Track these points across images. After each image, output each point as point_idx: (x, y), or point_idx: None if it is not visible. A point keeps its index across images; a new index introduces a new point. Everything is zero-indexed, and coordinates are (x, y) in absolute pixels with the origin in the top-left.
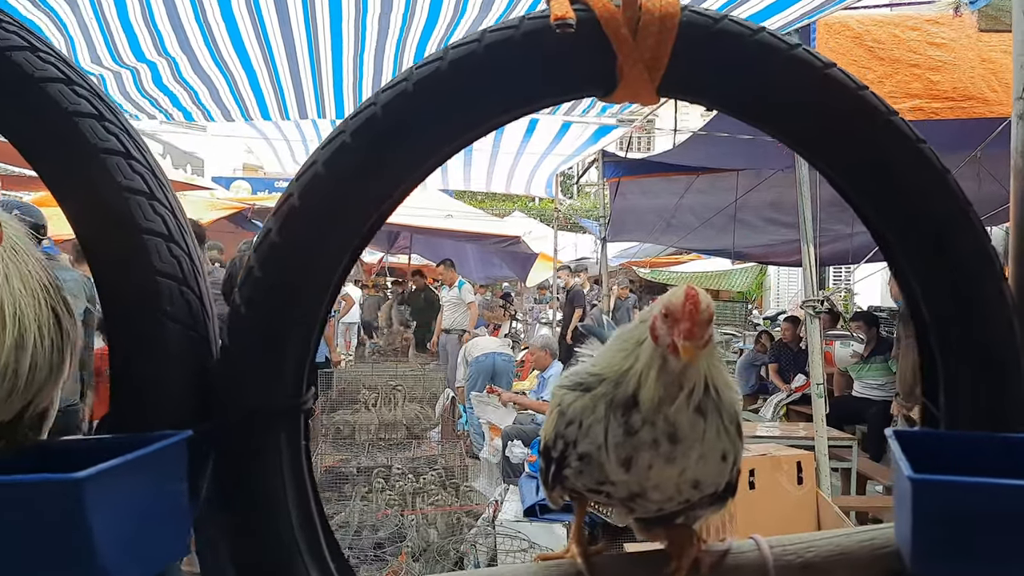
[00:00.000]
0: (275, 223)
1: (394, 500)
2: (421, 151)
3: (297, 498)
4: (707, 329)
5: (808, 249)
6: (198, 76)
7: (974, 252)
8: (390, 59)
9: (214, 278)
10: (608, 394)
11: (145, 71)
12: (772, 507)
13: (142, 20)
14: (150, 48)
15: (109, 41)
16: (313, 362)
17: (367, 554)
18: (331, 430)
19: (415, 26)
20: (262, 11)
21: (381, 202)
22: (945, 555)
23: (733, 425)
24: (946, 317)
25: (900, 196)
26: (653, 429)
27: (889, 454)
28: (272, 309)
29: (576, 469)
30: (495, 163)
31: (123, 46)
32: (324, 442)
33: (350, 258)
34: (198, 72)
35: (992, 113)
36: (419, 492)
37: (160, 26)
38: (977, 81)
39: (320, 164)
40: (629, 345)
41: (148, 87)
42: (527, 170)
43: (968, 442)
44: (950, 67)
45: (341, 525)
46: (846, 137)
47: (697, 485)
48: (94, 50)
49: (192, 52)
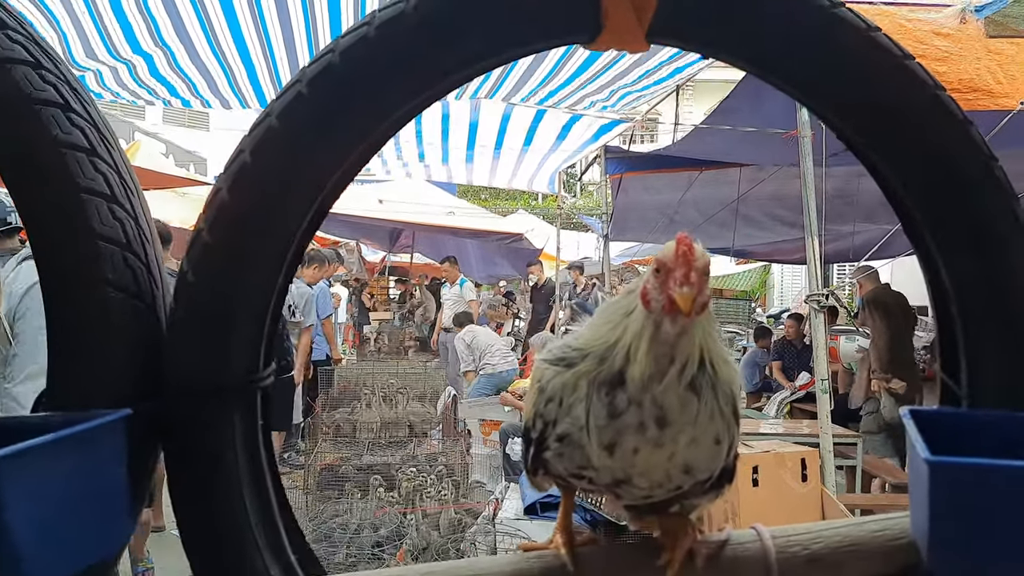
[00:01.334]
0: (225, 181)
1: (394, 499)
2: (385, 102)
3: (253, 484)
4: (704, 280)
5: (812, 243)
6: (195, 66)
7: (1001, 212)
8: None
9: None
10: (592, 371)
11: (141, 63)
12: (776, 504)
13: (137, 11)
14: (146, 38)
15: (104, 35)
16: (272, 336)
17: (365, 552)
18: (332, 428)
19: None
20: (261, 2)
21: (343, 159)
22: (966, 546)
23: (729, 406)
24: (969, 284)
25: (915, 145)
26: (639, 411)
27: (908, 438)
28: (223, 276)
29: (556, 452)
30: (499, 158)
31: (119, 39)
32: (325, 440)
33: (311, 222)
34: (195, 62)
35: (997, 106)
36: (419, 490)
37: (156, 15)
38: (983, 73)
39: (274, 117)
40: (616, 317)
41: (144, 77)
42: (531, 166)
43: (993, 422)
44: (956, 58)
45: (341, 525)
46: (855, 83)
47: (688, 471)
48: (88, 45)
49: (190, 42)
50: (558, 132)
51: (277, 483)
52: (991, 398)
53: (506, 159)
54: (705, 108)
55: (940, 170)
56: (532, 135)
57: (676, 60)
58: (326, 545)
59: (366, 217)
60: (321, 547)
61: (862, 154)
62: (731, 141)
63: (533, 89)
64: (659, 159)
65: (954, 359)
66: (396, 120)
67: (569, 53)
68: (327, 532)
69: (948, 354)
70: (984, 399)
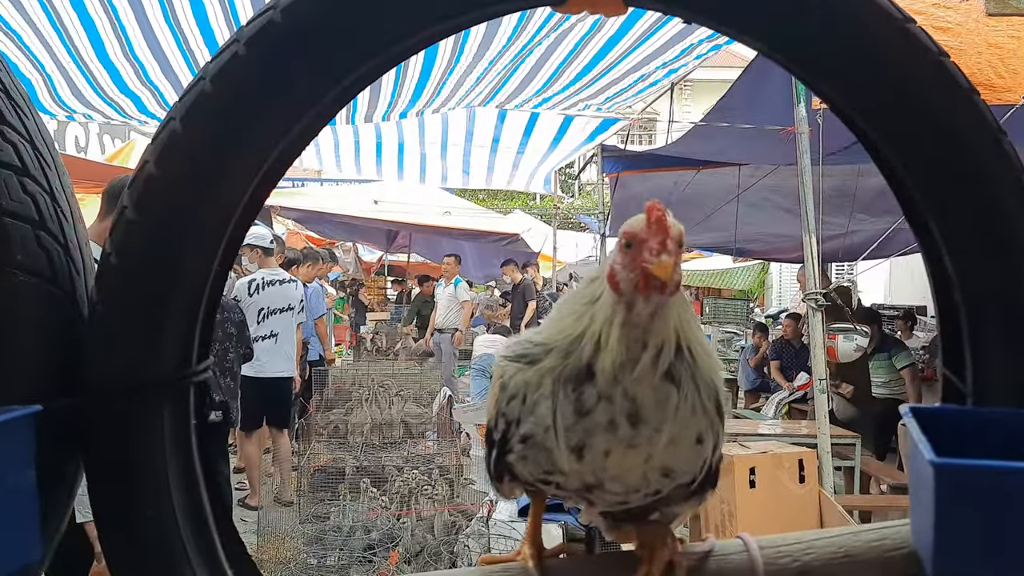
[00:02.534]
0: (153, 152)
1: (387, 501)
2: (335, 65)
3: (184, 489)
4: (680, 253)
5: (810, 240)
6: (168, 79)
7: (1010, 190)
8: (390, 74)
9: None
10: (557, 367)
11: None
12: (773, 506)
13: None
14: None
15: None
16: (210, 326)
17: (356, 555)
18: (326, 429)
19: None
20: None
21: (287, 128)
22: (974, 556)
23: (712, 400)
24: (975, 269)
25: (917, 116)
26: (610, 407)
27: (908, 438)
28: (151, 259)
29: (520, 454)
30: (495, 159)
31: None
32: (318, 441)
33: (252, 200)
34: (168, 75)
35: (999, 100)
36: (413, 492)
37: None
38: (984, 67)
39: (208, 80)
40: (579, 307)
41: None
42: (528, 167)
43: (1001, 420)
44: (956, 52)
45: (334, 527)
46: (848, 48)
47: (668, 474)
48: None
49: (163, 56)
50: (554, 133)
51: (214, 490)
52: (998, 394)
53: (503, 160)
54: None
55: (943, 145)
56: (528, 135)
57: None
58: (318, 548)
59: (361, 218)
60: (313, 549)
61: (859, 130)
62: (729, 140)
63: (527, 98)
64: (656, 158)
65: (958, 353)
66: (352, 84)
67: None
68: (318, 535)
69: (951, 348)
70: (991, 396)
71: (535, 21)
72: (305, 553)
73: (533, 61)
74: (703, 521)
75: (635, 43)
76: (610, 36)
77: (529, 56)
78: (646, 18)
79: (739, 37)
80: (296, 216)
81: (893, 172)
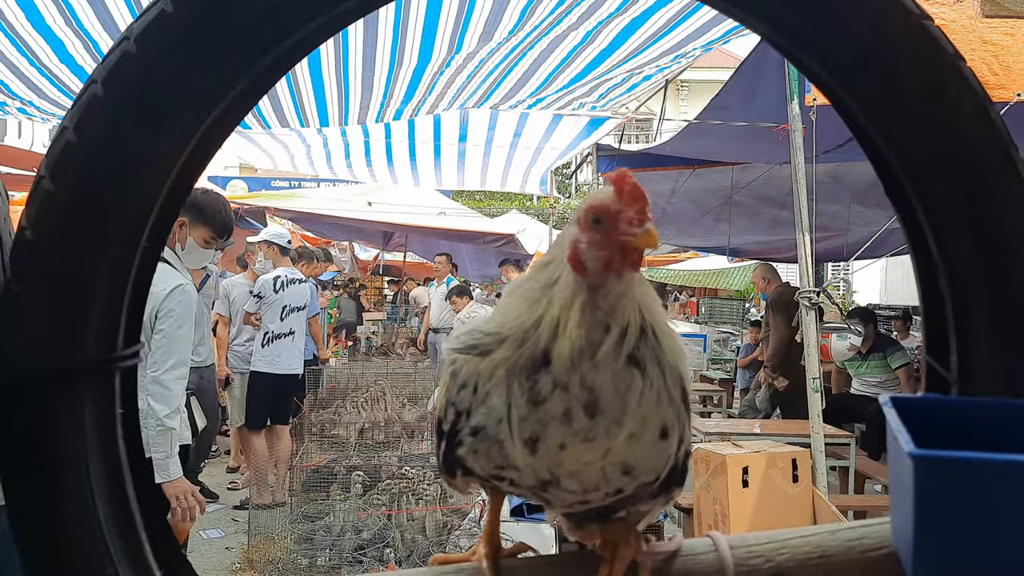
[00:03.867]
0: (72, 118)
1: (380, 501)
2: (277, 18)
3: (108, 485)
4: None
5: (803, 239)
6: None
7: (997, 161)
8: (381, 76)
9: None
10: (511, 357)
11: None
12: (766, 505)
13: None
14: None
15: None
16: (139, 307)
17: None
18: (319, 428)
19: (404, 40)
20: None
21: (223, 92)
22: (958, 555)
23: (677, 387)
24: (960, 248)
25: (903, 85)
26: (565, 396)
27: (888, 429)
28: (70, 233)
29: (470, 447)
30: (488, 160)
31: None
32: (311, 441)
33: (183, 173)
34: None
35: (994, 97)
36: (404, 492)
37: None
38: (978, 64)
39: (133, 40)
40: (534, 292)
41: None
42: (522, 167)
43: (988, 410)
44: None
45: (324, 527)
46: (837, 20)
47: (629, 471)
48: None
49: None
50: (546, 127)
51: (143, 486)
52: (985, 383)
53: (496, 159)
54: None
55: (924, 112)
56: (520, 131)
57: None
58: (309, 547)
59: (355, 220)
60: (303, 549)
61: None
62: (723, 139)
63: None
64: (652, 157)
65: (942, 339)
66: (270, 68)
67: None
68: (308, 534)
69: (935, 333)
70: (977, 384)
71: (532, 21)
72: (296, 553)
73: (528, 63)
74: (696, 521)
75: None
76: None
77: (523, 58)
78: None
79: (731, 12)
80: (291, 217)
81: (871, 143)
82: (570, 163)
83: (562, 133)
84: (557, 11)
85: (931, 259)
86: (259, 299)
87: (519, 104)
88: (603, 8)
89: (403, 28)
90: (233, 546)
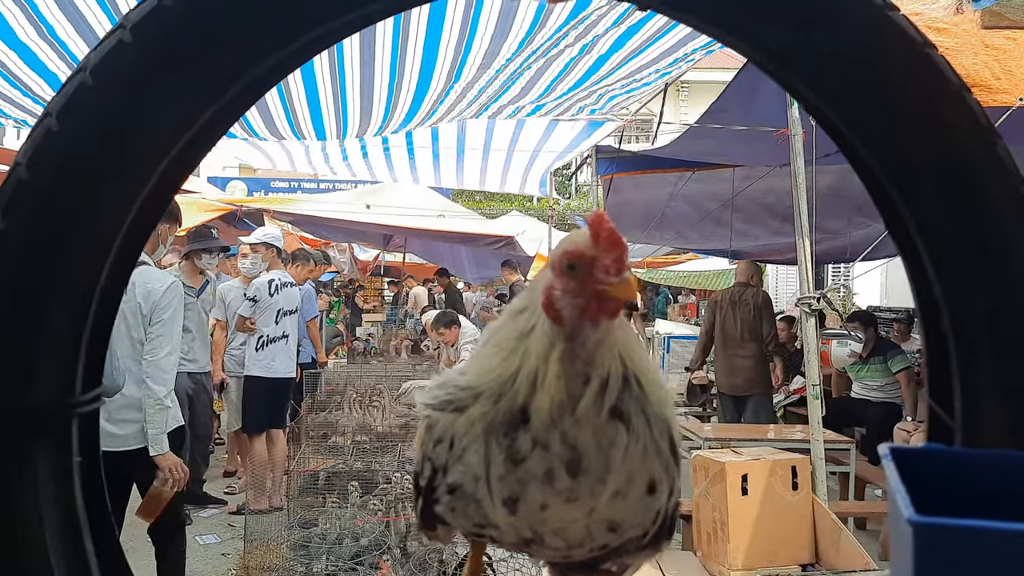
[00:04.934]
0: (25, 153)
1: (377, 506)
2: (241, 51)
3: (63, 541)
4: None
5: (803, 244)
6: None
7: (1003, 194)
8: (379, 87)
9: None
10: (487, 413)
11: None
12: (765, 513)
13: None
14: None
15: None
16: (99, 349)
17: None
18: (316, 433)
19: (404, 47)
20: None
21: (187, 121)
22: None
23: (665, 438)
24: (965, 289)
25: (898, 111)
26: (546, 455)
27: (888, 485)
28: (21, 271)
29: (447, 505)
30: (487, 161)
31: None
32: (308, 445)
33: (148, 200)
34: None
35: (995, 102)
36: (401, 498)
37: None
38: (980, 68)
39: (89, 72)
40: (509, 343)
41: None
42: (520, 168)
43: (994, 463)
44: (952, 53)
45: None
46: (825, 36)
47: (615, 528)
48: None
49: None
50: (544, 129)
51: (103, 540)
52: (992, 432)
53: (495, 161)
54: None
55: (925, 144)
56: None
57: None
58: (304, 554)
59: (354, 222)
60: (300, 556)
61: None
62: (723, 141)
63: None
64: (651, 160)
65: (946, 382)
66: (264, 75)
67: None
68: (304, 541)
69: (938, 376)
70: (983, 433)
71: (532, 47)
72: (292, 559)
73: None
74: (695, 529)
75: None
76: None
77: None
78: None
79: (693, 23)
80: (290, 219)
81: (870, 175)
82: (570, 164)
83: (561, 135)
84: (556, 35)
85: (932, 295)
86: (254, 303)
87: (518, 111)
88: (601, 24)
89: (402, 54)
90: (229, 552)
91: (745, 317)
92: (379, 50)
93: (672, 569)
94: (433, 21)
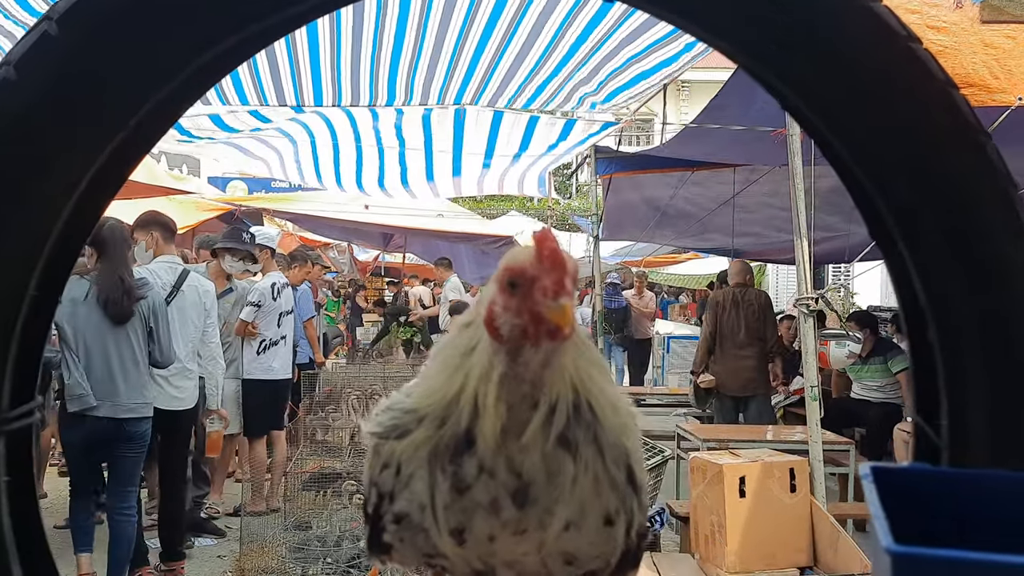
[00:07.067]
0: None
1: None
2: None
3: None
4: (574, 287)
5: (801, 244)
6: None
7: (993, 202)
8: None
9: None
10: (431, 438)
11: None
12: (763, 516)
13: None
14: None
15: None
16: (33, 361)
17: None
18: (314, 434)
19: (388, 34)
20: None
21: (157, 85)
22: None
23: (622, 468)
24: (953, 301)
25: (881, 112)
26: (492, 483)
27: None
28: None
29: (395, 534)
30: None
31: None
32: (306, 446)
33: (90, 187)
34: None
35: (994, 101)
36: None
37: None
38: (979, 67)
39: (13, 67)
40: (453, 359)
41: None
42: (519, 169)
43: (981, 483)
44: (951, 52)
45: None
46: (804, 34)
47: (572, 561)
48: None
49: None
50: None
51: (34, 564)
52: (979, 451)
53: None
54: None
55: (907, 147)
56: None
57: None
58: (300, 557)
59: (353, 221)
60: (296, 558)
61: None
62: (722, 141)
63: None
64: (649, 159)
65: (932, 398)
66: (237, 46)
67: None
68: (300, 544)
69: (924, 391)
70: (970, 452)
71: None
72: (289, 561)
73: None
74: (692, 531)
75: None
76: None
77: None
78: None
79: (678, 22)
80: (289, 219)
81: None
82: (570, 164)
83: (566, 142)
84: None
85: (918, 306)
86: (257, 308)
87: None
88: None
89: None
90: (225, 554)
91: (748, 318)
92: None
93: (670, 572)
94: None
